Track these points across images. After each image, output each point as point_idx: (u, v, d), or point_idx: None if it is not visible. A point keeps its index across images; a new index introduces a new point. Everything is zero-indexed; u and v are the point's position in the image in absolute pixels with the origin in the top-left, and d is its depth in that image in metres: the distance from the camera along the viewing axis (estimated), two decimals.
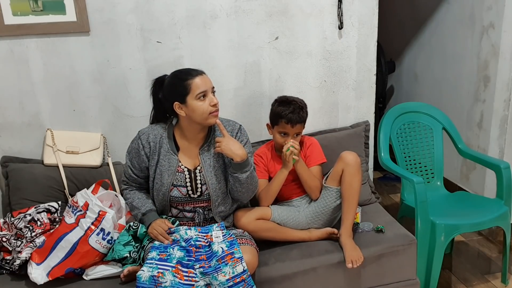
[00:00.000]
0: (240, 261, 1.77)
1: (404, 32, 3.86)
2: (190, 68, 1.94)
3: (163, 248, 1.85)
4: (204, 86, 1.87)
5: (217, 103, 1.90)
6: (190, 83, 1.86)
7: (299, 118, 2.13)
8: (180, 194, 1.97)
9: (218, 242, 1.85)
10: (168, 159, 1.96)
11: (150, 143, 1.97)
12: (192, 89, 1.86)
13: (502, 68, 2.72)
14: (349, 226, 2.07)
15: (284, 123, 2.11)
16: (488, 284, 2.49)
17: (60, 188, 2.19)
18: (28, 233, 1.98)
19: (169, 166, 1.96)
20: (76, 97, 2.29)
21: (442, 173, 2.68)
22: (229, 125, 2.02)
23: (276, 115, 2.14)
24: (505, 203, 2.35)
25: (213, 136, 1.99)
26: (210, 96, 1.89)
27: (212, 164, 1.97)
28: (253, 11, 2.36)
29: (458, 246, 2.84)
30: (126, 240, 1.96)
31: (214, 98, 1.89)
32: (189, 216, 2.02)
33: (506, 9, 2.64)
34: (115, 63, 2.28)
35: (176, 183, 1.96)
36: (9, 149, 2.26)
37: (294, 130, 2.13)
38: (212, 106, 1.88)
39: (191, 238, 1.88)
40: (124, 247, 1.94)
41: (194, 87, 1.86)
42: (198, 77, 1.87)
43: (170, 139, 1.98)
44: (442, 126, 2.65)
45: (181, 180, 1.96)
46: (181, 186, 1.96)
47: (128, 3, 2.21)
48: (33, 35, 2.16)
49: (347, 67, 2.56)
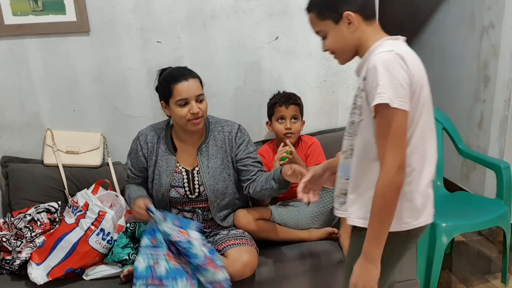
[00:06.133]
0: (221, 269, 1.75)
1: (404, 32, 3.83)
2: (182, 70, 1.92)
3: (152, 232, 1.81)
4: (186, 94, 1.84)
5: (197, 112, 1.85)
6: (173, 87, 1.85)
7: (292, 99, 2.23)
8: (178, 195, 1.96)
9: (197, 244, 1.79)
10: (166, 160, 1.96)
11: (148, 143, 1.98)
12: (173, 94, 1.86)
13: (502, 68, 2.72)
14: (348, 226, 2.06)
15: (278, 106, 2.22)
16: (488, 284, 2.49)
17: (60, 188, 2.19)
18: (28, 233, 1.98)
19: (167, 166, 1.96)
20: (76, 97, 2.28)
21: (442, 173, 2.67)
22: (227, 125, 2.02)
23: (270, 105, 2.27)
24: (505, 203, 2.35)
25: (211, 137, 1.99)
26: (191, 104, 1.85)
27: (210, 165, 1.97)
28: (253, 11, 2.36)
29: (458, 246, 2.84)
30: (124, 242, 1.95)
31: (194, 107, 1.85)
32: (189, 217, 2.02)
33: (506, 9, 2.64)
34: (115, 63, 2.28)
35: (174, 183, 1.95)
36: (9, 149, 2.26)
37: (290, 111, 2.21)
38: (191, 114, 1.85)
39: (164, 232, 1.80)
40: (122, 250, 1.94)
41: (176, 93, 1.85)
42: (182, 83, 1.84)
43: (168, 140, 1.98)
44: (442, 126, 2.64)
45: (179, 180, 1.96)
46: (179, 187, 1.96)
47: (128, 3, 2.21)
48: (33, 35, 2.16)
49: (347, 67, 2.54)
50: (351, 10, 1.29)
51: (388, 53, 1.22)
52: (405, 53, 1.25)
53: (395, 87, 1.19)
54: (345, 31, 1.32)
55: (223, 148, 1.99)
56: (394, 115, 1.20)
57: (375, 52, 1.26)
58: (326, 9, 1.33)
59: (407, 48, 1.31)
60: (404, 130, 1.22)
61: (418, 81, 1.26)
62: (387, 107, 1.19)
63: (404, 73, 1.21)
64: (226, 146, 1.99)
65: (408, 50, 1.29)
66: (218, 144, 1.99)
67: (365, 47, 1.32)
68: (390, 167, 1.22)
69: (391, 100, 1.18)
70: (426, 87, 1.30)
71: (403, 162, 1.23)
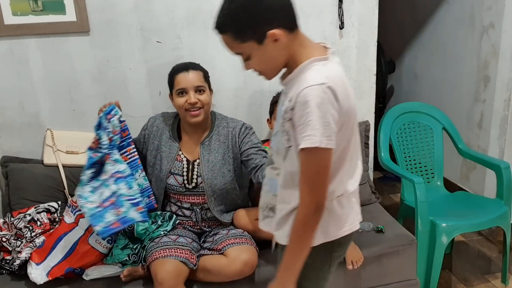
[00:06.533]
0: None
1: (404, 32, 3.86)
2: (188, 63, 2.02)
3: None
4: (185, 83, 1.94)
5: (195, 102, 1.92)
6: (174, 77, 1.97)
7: None
8: (176, 182, 1.99)
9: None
10: (169, 146, 2.01)
11: (154, 127, 2.06)
12: (174, 84, 1.97)
13: (502, 68, 2.72)
14: None
15: None
16: (488, 284, 2.49)
17: (60, 188, 2.19)
18: (28, 233, 1.98)
19: (169, 152, 2.01)
20: (76, 97, 2.28)
21: (442, 173, 2.68)
22: (233, 122, 2.07)
23: (273, 102, 2.26)
24: (505, 203, 2.35)
25: (215, 132, 2.01)
26: (189, 94, 1.93)
27: (211, 159, 1.99)
28: None
29: (458, 246, 2.84)
30: (123, 243, 1.96)
31: (192, 97, 1.92)
32: (188, 214, 2.03)
33: (506, 9, 2.64)
34: (115, 63, 2.28)
35: (173, 171, 1.99)
36: (9, 149, 2.26)
37: None
38: (189, 104, 1.92)
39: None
40: (122, 251, 1.94)
41: (176, 83, 1.96)
42: (183, 73, 1.95)
43: (174, 128, 2.04)
44: (442, 126, 2.65)
45: (179, 168, 1.99)
46: (177, 174, 1.99)
47: (128, 3, 2.21)
48: (33, 35, 2.16)
49: (347, 67, 2.55)
50: (274, 27, 1.17)
51: (319, 87, 1.14)
52: (336, 83, 1.17)
53: (324, 127, 1.14)
54: (271, 50, 1.20)
55: (226, 143, 2.01)
56: (320, 155, 1.17)
57: (305, 79, 1.17)
58: (245, 30, 1.18)
59: (336, 69, 1.23)
60: (327, 168, 1.19)
61: (347, 111, 1.21)
62: (314, 148, 1.15)
63: (335, 112, 1.16)
64: (229, 141, 2.01)
65: (337, 74, 1.22)
66: (221, 139, 2.02)
67: (294, 62, 1.23)
68: (307, 206, 1.20)
69: (320, 142, 1.14)
70: (354, 111, 1.25)
71: (322, 202, 1.20)
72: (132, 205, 1.82)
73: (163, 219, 2.01)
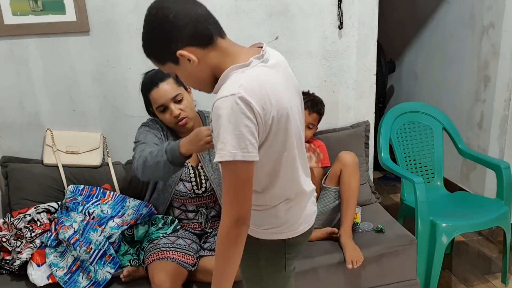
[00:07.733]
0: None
1: (404, 32, 3.86)
2: (152, 76, 1.90)
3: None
4: (161, 99, 1.86)
5: (178, 114, 1.86)
6: (149, 96, 1.90)
7: (317, 106, 2.22)
8: (185, 189, 1.97)
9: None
10: None
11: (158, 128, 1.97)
12: (152, 103, 1.91)
13: (502, 68, 2.72)
14: (348, 226, 2.07)
15: None
16: (488, 284, 2.49)
17: (60, 188, 2.19)
18: (27, 233, 1.98)
19: None
20: (76, 97, 2.28)
21: (442, 173, 2.68)
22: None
23: None
24: (505, 203, 2.35)
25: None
26: (170, 108, 1.86)
27: (212, 160, 1.98)
28: (253, 11, 2.35)
29: (458, 246, 2.84)
30: (124, 250, 1.95)
31: (174, 110, 1.85)
32: (191, 217, 2.02)
33: (506, 9, 2.64)
34: (115, 63, 2.28)
35: (182, 177, 1.97)
36: (9, 149, 2.26)
37: (309, 118, 2.21)
38: (174, 118, 1.87)
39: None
40: (123, 257, 1.94)
41: (152, 101, 1.90)
42: (154, 91, 1.86)
43: (173, 134, 1.99)
44: (442, 126, 2.65)
45: (187, 175, 1.97)
46: (186, 181, 1.97)
47: (128, 3, 2.21)
48: (33, 35, 2.16)
49: (347, 67, 2.56)
50: (183, 47, 1.16)
51: (231, 98, 1.09)
52: (252, 90, 1.11)
53: (237, 139, 1.10)
54: (190, 68, 1.19)
55: None
56: (238, 168, 1.13)
57: (222, 90, 1.14)
58: (159, 53, 1.21)
59: (258, 73, 1.16)
60: (248, 180, 1.15)
61: (275, 115, 1.16)
62: (230, 161, 1.11)
63: (249, 122, 1.10)
64: None
65: (258, 79, 1.14)
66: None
67: (220, 72, 1.19)
68: (227, 220, 1.17)
69: (233, 155, 1.10)
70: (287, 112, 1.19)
71: (243, 215, 1.16)
72: (98, 264, 1.84)
73: (164, 222, 1.99)
